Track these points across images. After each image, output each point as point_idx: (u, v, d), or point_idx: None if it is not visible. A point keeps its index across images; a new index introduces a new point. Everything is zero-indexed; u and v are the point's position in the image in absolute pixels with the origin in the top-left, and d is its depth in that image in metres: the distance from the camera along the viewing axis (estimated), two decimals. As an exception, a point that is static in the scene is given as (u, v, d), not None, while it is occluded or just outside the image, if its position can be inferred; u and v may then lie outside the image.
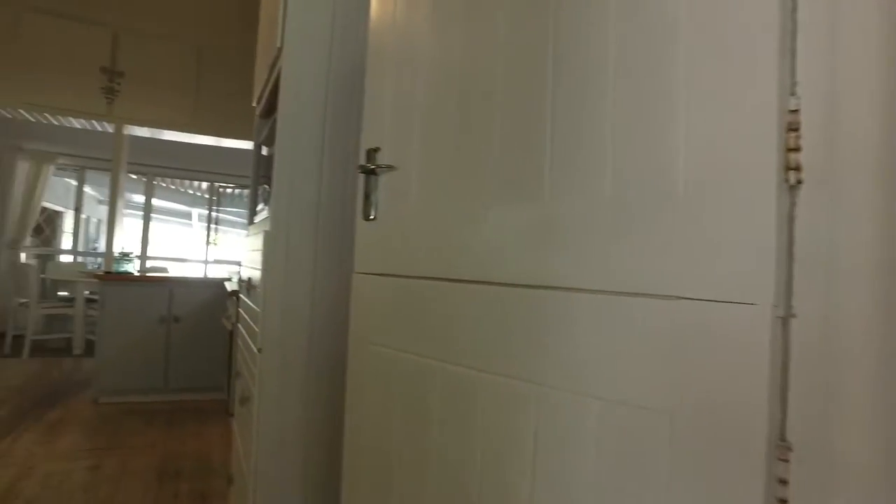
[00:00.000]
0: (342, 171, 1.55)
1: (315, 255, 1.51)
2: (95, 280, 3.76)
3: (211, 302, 3.91)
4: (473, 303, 0.96)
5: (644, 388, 0.70)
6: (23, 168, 5.77)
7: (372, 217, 1.21)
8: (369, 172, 1.20)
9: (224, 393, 3.64)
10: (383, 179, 1.19)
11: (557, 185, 0.84)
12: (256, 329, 1.50)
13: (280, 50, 1.50)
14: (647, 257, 0.71)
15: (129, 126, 3.88)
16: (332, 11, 1.53)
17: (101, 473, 2.56)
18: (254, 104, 2.14)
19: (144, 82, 3.83)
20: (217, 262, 7.03)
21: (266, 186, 1.89)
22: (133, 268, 3.88)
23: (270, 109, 1.87)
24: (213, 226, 7.24)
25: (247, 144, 4.18)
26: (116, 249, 4.03)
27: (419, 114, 1.12)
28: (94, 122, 3.83)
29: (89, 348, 4.91)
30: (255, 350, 1.50)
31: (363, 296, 1.22)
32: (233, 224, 7.98)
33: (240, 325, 2.13)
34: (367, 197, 1.22)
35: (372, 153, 1.21)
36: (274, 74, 1.68)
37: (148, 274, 4.21)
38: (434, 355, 1.02)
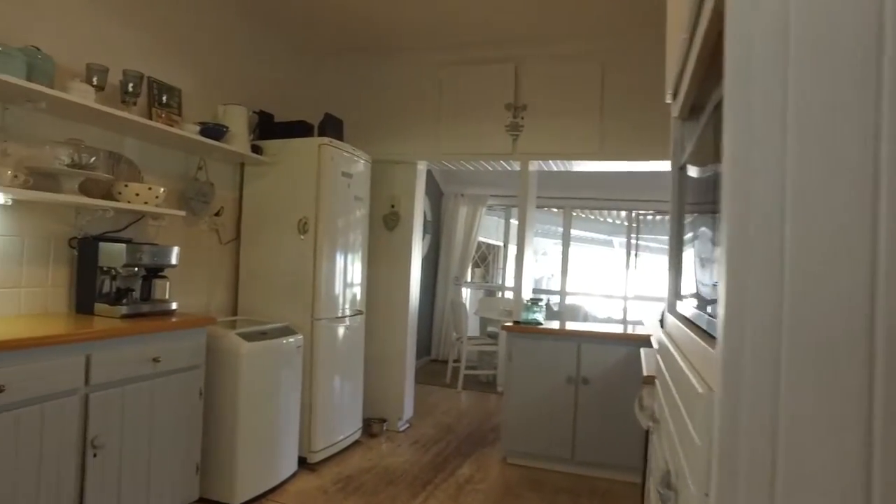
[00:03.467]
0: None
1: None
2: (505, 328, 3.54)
3: (625, 363, 3.17)
4: None
5: None
6: (462, 211, 6.47)
7: None
8: None
9: (639, 476, 2.83)
10: None
11: None
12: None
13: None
14: None
15: (534, 160, 3.57)
16: None
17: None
18: (667, 99, 1.27)
19: (546, 112, 3.44)
20: (637, 297, 6.34)
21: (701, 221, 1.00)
22: (541, 316, 3.52)
23: (699, 101, 0.98)
24: (633, 254, 6.62)
25: (662, 165, 3.29)
26: (527, 291, 3.76)
27: None
28: (503, 162, 3.66)
29: (510, 386, 4.90)
30: None
31: None
32: (652, 251, 7.17)
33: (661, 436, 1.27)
34: None
35: None
36: (698, 38, 0.78)
37: (564, 327, 3.81)
38: None
